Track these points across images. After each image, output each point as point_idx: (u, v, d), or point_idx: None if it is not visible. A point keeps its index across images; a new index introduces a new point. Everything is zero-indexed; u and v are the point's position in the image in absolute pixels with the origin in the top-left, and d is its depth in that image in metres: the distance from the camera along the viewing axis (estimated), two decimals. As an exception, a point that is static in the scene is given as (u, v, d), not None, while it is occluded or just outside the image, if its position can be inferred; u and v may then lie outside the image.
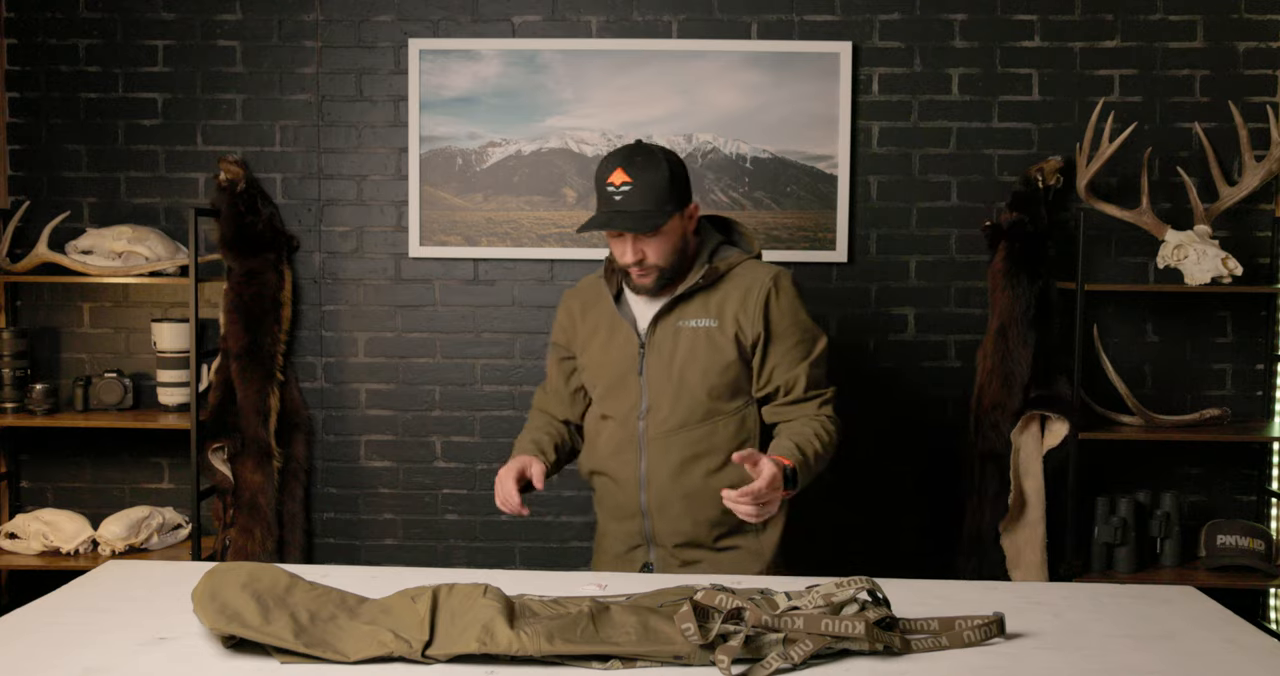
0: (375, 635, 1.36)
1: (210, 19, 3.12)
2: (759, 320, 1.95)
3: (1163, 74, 3.06)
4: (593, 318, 2.07)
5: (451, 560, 3.18)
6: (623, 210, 1.89)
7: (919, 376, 3.12)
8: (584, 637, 1.35)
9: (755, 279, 1.98)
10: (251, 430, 3.01)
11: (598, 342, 2.05)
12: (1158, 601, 1.63)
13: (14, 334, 3.06)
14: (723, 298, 1.97)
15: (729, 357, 1.95)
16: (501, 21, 3.09)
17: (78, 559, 2.96)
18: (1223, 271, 2.81)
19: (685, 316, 1.97)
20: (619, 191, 1.89)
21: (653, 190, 1.88)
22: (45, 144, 3.16)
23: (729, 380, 1.96)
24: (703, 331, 1.96)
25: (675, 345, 1.96)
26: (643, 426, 1.98)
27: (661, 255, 1.92)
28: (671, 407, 1.96)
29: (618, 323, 2.03)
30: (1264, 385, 3.11)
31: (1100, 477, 3.08)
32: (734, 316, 1.95)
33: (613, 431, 2.03)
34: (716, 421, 1.97)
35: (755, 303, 1.95)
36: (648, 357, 1.98)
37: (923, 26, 3.06)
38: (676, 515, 1.97)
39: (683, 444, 1.96)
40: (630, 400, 1.99)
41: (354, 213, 3.15)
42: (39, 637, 1.41)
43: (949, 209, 3.10)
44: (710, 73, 3.05)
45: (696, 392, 1.95)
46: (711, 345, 1.95)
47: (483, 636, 1.34)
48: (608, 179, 1.91)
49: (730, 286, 1.98)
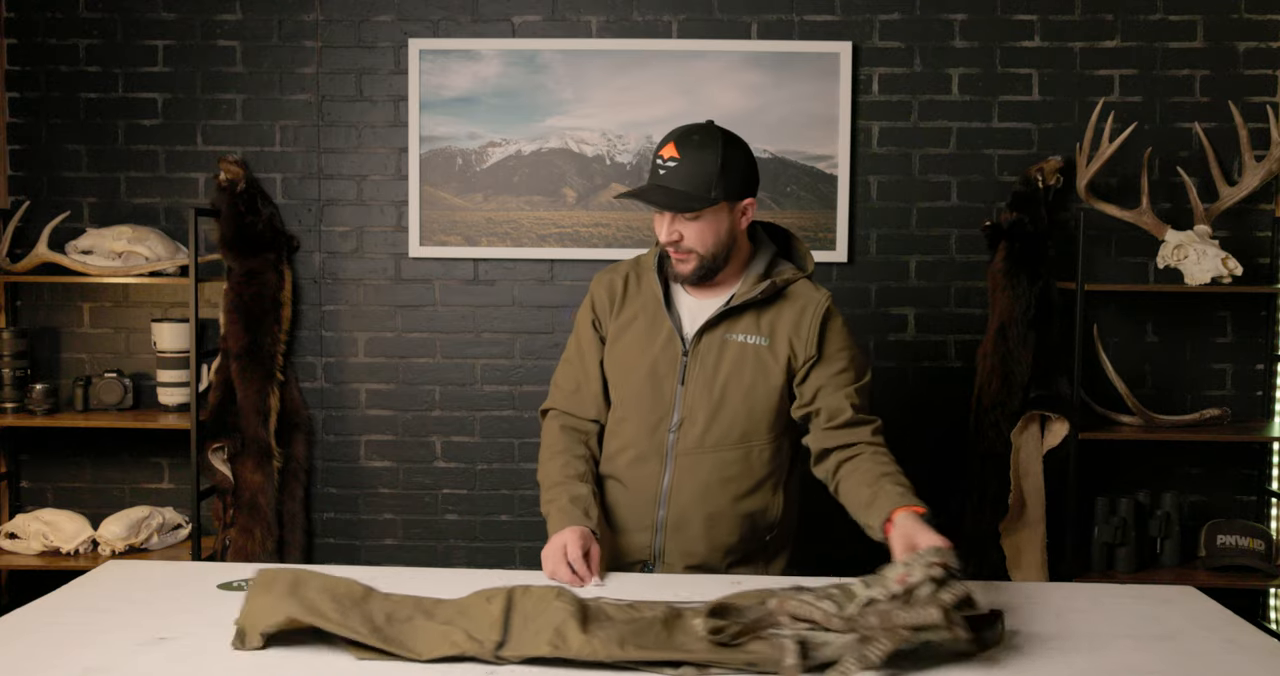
0: (449, 635, 1.36)
1: (210, 19, 3.12)
2: (813, 343, 1.84)
3: (1163, 74, 3.06)
4: (633, 306, 1.92)
5: (451, 560, 3.18)
6: (662, 185, 1.78)
7: (919, 376, 3.11)
8: (656, 643, 1.33)
9: (811, 300, 1.87)
10: (251, 430, 3.01)
11: (634, 336, 1.90)
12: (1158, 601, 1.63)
13: (14, 334, 3.06)
14: (775, 316, 1.86)
15: (776, 381, 1.84)
16: (501, 21, 3.09)
17: (78, 559, 2.96)
18: (1223, 271, 2.81)
19: (735, 330, 1.85)
20: (664, 165, 1.78)
21: (699, 171, 1.76)
22: (45, 144, 3.16)
23: (772, 404, 1.85)
24: (752, 348, 1.84)
25: (721, 358, 1.84)
26: (673, 439, 1.86)
27: (700, 241, 1.80)
28: (708, 424, 1.84)
29: (661, 320, 1.88)
30: (1264, 385, 3.11)
31: (1100, 477, 3.08)
32: (788, 338, 1.84)
33: (634, 438, 1.89)
34: (752, 445, 1.86)
35: (811, 325, 1.84)
36: (690, 366, 1.85)
37: (923, 26, 3.06)
38: (693, 536, 1.86)
39: (714, 465, 1.85)
40: (662, 408, 1.86)
41: (354, 213, 3.15)
42: (39, 637, 1.41)
43: (949, 209, 3.10)
44: (710, 73, 3.05)
45: (737, 412, 1.84)
46: (760, 364, 1.84)
47: (555, 639, 1.33)
48: (660, 151, 1.79)
49: (785, 305, 1.87)
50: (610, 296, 1.94)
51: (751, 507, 1.87)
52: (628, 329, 1.91)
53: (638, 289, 1.93)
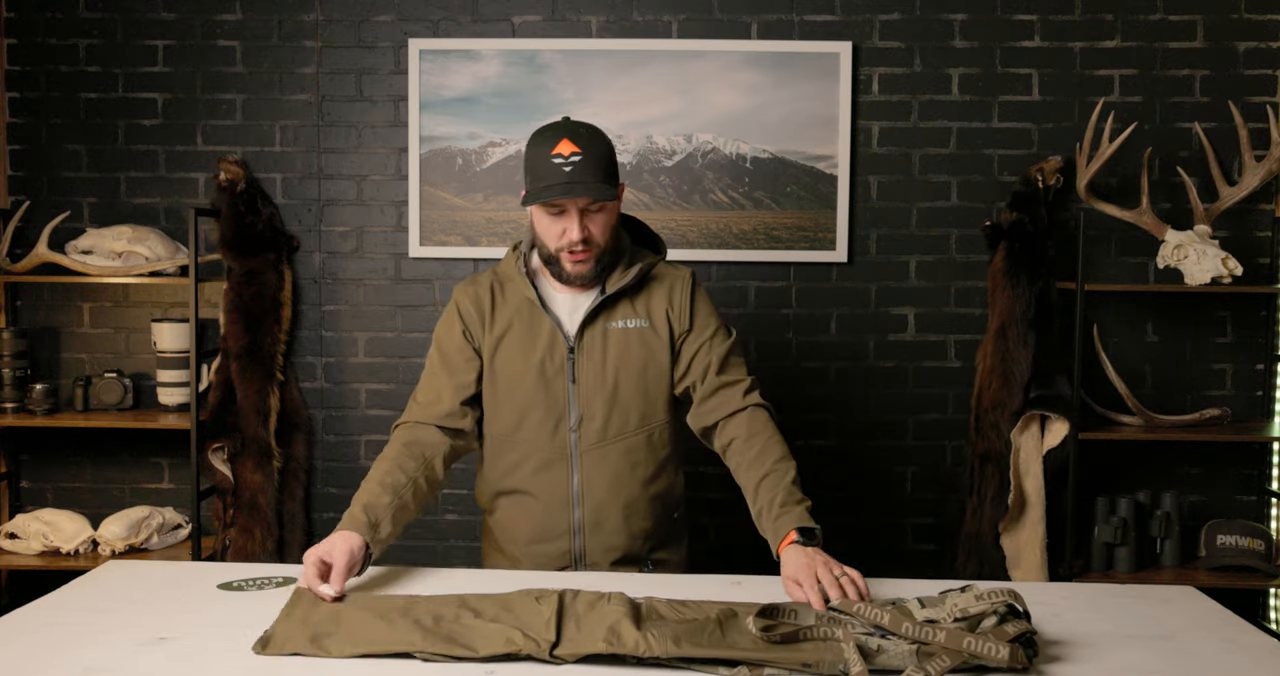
0: (503, 633, 1.37)
1: (210, 19, 3.12)
2: (686, 315, 1.89)
3: (1163, 74, 3.06)
4: (504, 315, 1.89)
5: (451, 560, 3.18)
6: (578, 180, 1.75)
7: (919, 376, 3.12)
8: (711, 641, 1.34)
9: (676, 277, 1.93)
10: (251, 430, 3.01)
11: (512, 344, 1.88)
12: (1158, 601, 1.63)
13: (14, 334, 3.06)
14: (647, 299, 1.90)
15: (663, 358, 1.88)
16: (501, 21, 3.09)
17: (78, 559, 2.96)
18: (1223, 271, 2.81)
19: (614, 318, 1.87)
20: (569, 161, 1.75)
21: (601, 161, 1.78)
22: (45, 144, 3.16)
23: (665, 382, 1.89)
24: (634, 332, 1.87)
25: (607, 348, 1.86)
26: (575, 438, 1.86)
27: (604, 234, 1.81)
28: (607, 416, 1.85)
29: (539, 324, 1.87)
30: (1264, 385, 3.11)
31: (1100, 477, 3.08)
32: (664, 315, 1.89)
33: (532, 446, 1.87)
34: (652, 426, 1.89)
35: (682, 300, 1.90)
36: (579, 362, 1.86)
37: (923, 26, 3.06)
38: (613, 530, 1.87)
39: (621, 453, 1.86)
40: (558, 409, 1.86)
41: (354, 213, 3.15)
42: (39, 637, 1.41)
43: (949, 209, 3.10)
44: (710, 73, 3.05)
45: (633, 397, 1.86)
46: (645, 345, 1.87)
47: (609, 637, 1.33)
48: (552, 151, 1.76)
49: (654, 287, 1.91)
50: (479, 309, 1.90)
51: (660, 489, 1.91)
52: (504, 339, 1.88)
53: (503, 298, 1.91)
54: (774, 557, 1.66)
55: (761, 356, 3.10)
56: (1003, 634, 1.32)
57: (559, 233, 1.80)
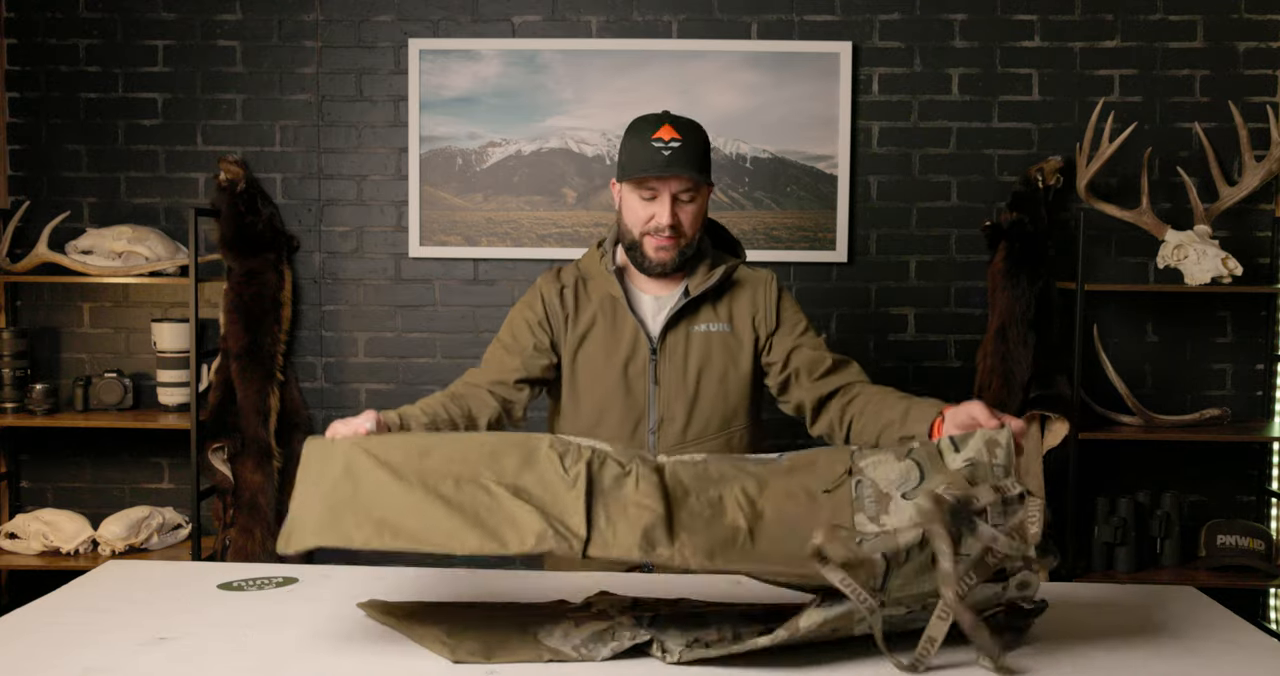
0: (532, 520, 1.32)
1: (210, 19, 3.12)
2: (773, 316, 1.89)
3: (1163, 74, 3.06)
4: (587, 311, 1.89)
5: (451, 560, 3.17)
6: (677, 162, 1.76)
7: (919, 376, 3.12)
8: (742, 554, 1.33)
9: (759, 280, 1.93)
10: (251, 430, 3.01)
11: (596, 341, 1.88)
12: (1158, 601, 1.63)
13: (14, 334, 3.06)
14: (730, 303, 1.90)
15: (746, 364, 1.88)
16: (501, 21, 3.09)
17: (78, 559, 2.96)
18: (1223, 271, 2.81)
19: (696, 321, 1.87)
20: (669, 146, 1.76)
21: (700, 150, 1.80)
22: (45, 144, 3.16)
23: (746, 387, 1.88)
24: (717, 336, 1.87)
25: (689, 351, 1.86)
26: (654, 440, 1.85)
27: (692, 224, 1.82)
28: (687, 419, 1.85)
29: (622, 323, 1.87)
30: (1264, 385, 3.11)
31: (1100, 477, 3.08)
32: (749, 319, 1.89)
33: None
34: (733, 430, 1.88)
35: (767, 303, 1.90)
36: (661, 365, 1.86)
37: (923, 26, 3.06)
38: None
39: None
40: (638, 410, 1.86)
41: (354, 213, 3.15)
42: (39, 637, 1.41)
43: (949, 209, 3.10)
44: (710, 73, 3.05)
45: (714, 402, 1.86)
46: (727, 351, 1.87)
47: (644, 544, 1.31)
48: (653, 135, 1.78)
49: (737, 291, 1.91)
50: (562, 302, 1.89)
51: None
52: (588, 335, 1.88)
53: (586, 294, 1.91)
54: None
55: (761, 356, 3.10)
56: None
57: (648, 216, 1.81)
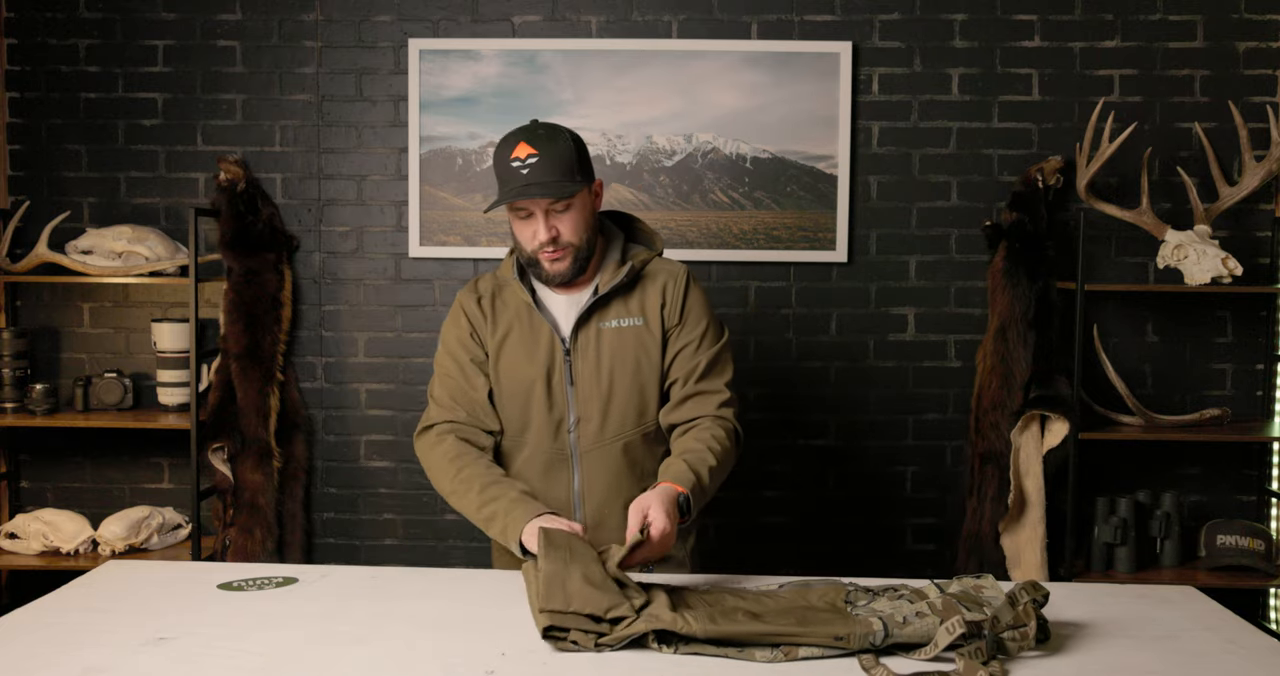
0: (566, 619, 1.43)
1: (210, 19, 3.12)
2: (676, 312, 1.88)
3: (1163, 74, 3.06)
4: (504, 319, 1.91)
5: (451, 560, 3.18)
6: (534, 182, 1.77)
7: (919, 376, 3.11)
8: (745, 620, 1.41)
9: (670, 274, 1.91)
10: (251, 430, 3.01)
11: (513, 347, 1.89)
12: (1158, 601, 1.63)
13: (14, 334, 3.06)
14: (641, 296, 1.89)
15: (656, 356, 1.87)
16: (501, 21, 3.09)
17: (78, 559, 2.96)
18: (1223, 271, 2.81)
19: (606, 318, 1.87)
20: (525, 164, 1.77)
21: (560, 160, 1.78)
22: (45, 144, 3.16)
23: (659, 380, 1.88)
24: (629, 331, 1.87)
25: (601, 348, 1.86)
26: (574, 439, 1.86)
27: (575, 231, 1.81)
28: (603, 416, 1.86)
29: (537, 327, 1.88)
30: (1264, 385, 3.11)
31: (1100, 477, 3.08)
32: (658, 312, 1.88)
33: (536, 449, 1.88)
34: (648, 425, 1.88)
35: (675, 295, 1.89)
36: (575, 363, 1.86)
37: (923, 26, 3.06)
38: (615, 529, 1.84)
39: (618, 453, 1.86)
40: (557, 412, 1.86)
41: (354, 213, 3.15)
42: (39, 637, 1.41)
43: (949, 209, 3.10)
44: (710, 73, 3.05)
45: (629, 395, 1.86)
46: (640, 343, 1.87)
47: (649, 618, 1.40)
48: (511, 155, 1.79)
49: (648, 284, 1.90)
50: (482, 312, 1.92)
51: None
52: (506, 342, 1.90)
53: (503, 302, 1.93)
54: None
55: (761, 356, 3.10)
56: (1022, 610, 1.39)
57: (530, 235, 1.82)
